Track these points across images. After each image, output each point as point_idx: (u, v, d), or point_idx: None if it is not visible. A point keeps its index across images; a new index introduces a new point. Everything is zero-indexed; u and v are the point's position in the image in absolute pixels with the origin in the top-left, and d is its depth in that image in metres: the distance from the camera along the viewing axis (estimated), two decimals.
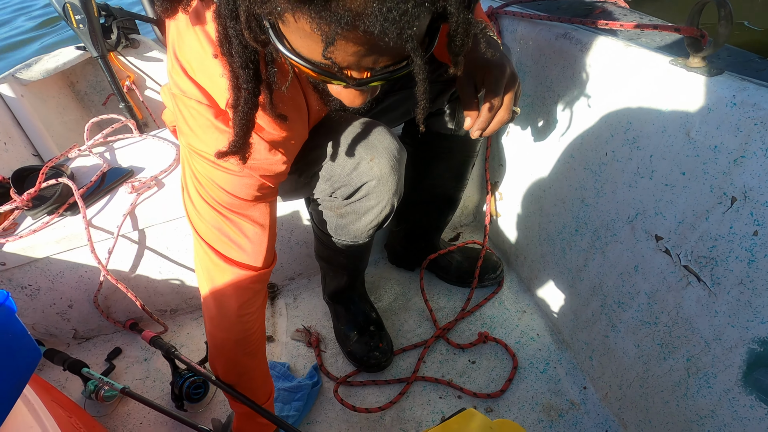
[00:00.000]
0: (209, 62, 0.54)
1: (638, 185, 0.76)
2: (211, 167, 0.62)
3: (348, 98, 0.51)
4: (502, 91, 0.65)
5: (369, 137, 0.74)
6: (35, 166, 1.26)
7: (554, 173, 1.00)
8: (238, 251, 0.69)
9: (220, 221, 0.67)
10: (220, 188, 0.64)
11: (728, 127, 0.58)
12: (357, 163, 0.73)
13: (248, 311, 0.74)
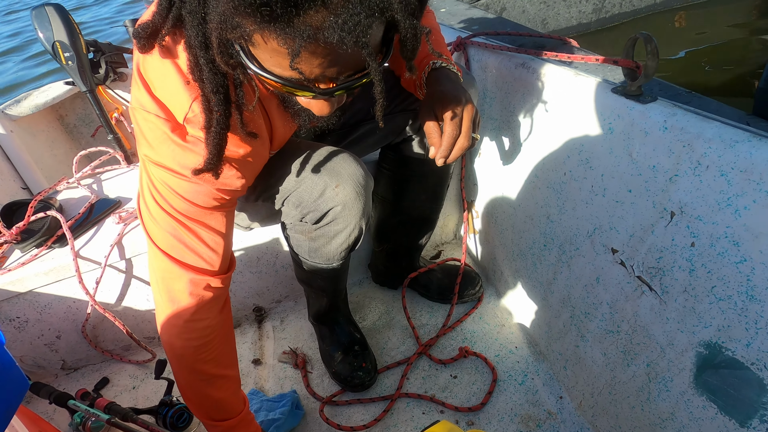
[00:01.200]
0: (170, 81, 0.58)
1: (594, 202, 0.81)
2: (168, 174, 0.64)
3: (317, 108, 0.56)
4: (460, 120, 0.70)
5: (334, 165, 0.79)
6: (24, 200, 1.29)
7: (522, 192, 1.05)
8: (195, 257, 0.70)
9: (177, 228, 0.68)
10: (177, 195, 0.65)
11: (663, 148, 0.64)
12: (323, 189, 0.78)
13: (207, 316, 0.74)
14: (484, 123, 1.16)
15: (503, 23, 1.76)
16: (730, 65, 2.59)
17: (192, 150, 0.61)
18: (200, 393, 0.79)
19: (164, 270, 0.71)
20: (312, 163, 0.79)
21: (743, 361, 0.58)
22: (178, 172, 0.63)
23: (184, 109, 0.59)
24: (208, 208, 0.68)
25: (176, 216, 0.68)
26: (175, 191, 0.65)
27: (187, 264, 0.70)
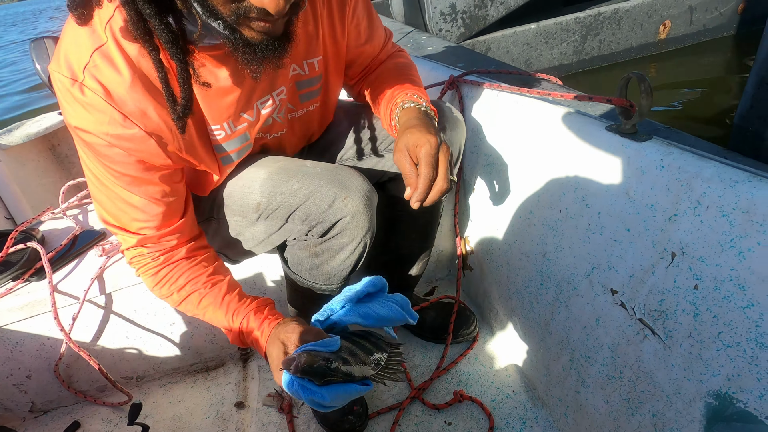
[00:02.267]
0: (79, 39, 0.59)
1: (591, 241, 0.79)
2: (85, 135, 0.62)
3: (275, 4, 0.51)
4: (436, 162, 0.67)
5: (342, 178, 0.77)
6: (4, 230, 1.25)
7: (517, 228, 1.03)
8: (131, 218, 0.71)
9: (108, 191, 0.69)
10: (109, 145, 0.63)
11: (660, 187, 0.62)
12: (332, 200, 0.76)
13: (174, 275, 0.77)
14: (479, 159, 1.15)
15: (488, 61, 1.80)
16: (703, 102, 2.68)
17: (88, 106, 0.59)
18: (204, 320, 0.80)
19: (122, 241, 0.75)
20: (319, 177, 0.77)
21: (757, 414, 0.54)
22: (85, 130, 0.62)
23: (83, 60, 0.58)
24: (135, 177, 0.67)
25: (100, 178, 0.68)
26: (92, 154, 0.65)
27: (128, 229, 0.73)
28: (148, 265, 0.76)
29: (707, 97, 2.75)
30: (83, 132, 0.62)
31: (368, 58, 0.93)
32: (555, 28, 2.87)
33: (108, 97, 0.59)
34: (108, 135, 0.61)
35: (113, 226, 0.73)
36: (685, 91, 2.84)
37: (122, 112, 0.61)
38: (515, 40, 2.84)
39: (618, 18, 2.97)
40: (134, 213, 0.71)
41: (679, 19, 3.10)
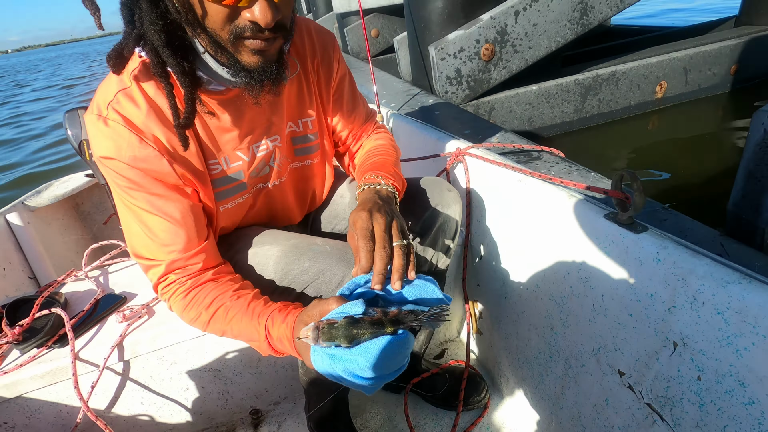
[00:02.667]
0: (107, 83, 0.72)
1: (596, 321, 0.82)
2: (110, 162, 0.71)
3: (262, 14, 0.60)
4: (371, 234, 0.68)
5: (350, 256, 0.81)
6: (30, 296, 1.30)
7: (524, 299, 1.06)
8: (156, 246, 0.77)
9: (133, 218, 0.76)
10: (129, 167, 0.71)
11: (658, 279, 0.66)
12: (341, 278, 0.79)
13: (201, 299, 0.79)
14: (485, 229, 1.20)
15: (493, 128, 1.89)
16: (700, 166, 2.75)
17: (111, 136, 0.70)
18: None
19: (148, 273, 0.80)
20: (329, 255, 0.81)
21: None
22: (109, 157, 0.71)
23: (108, 99, 0.70)
24: (155, 194, 0.74)
25: (127, 204, 0.75)
26: (118, 179, 0.73)
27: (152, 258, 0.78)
28: (176, 291, 0.79)
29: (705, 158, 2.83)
30: (108, 160, 0.72)
31: (347, 128, 1.02)
32: (555, 89, 3.00)
33: (127, 124, 0.70)
34: (128, 157, 0.71)
35: (143, 258, 0.79)
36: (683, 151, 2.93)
37: (138, 135, 0.71)
38: (518, 101, 2.97)
39: (616, 79, 3.11)
40: (160, 236, 0.76)
41: (674, 80, 3.24)
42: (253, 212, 0.94)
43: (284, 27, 0.66)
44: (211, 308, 0.78)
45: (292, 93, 0.88)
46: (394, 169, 0.92)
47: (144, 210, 0.75)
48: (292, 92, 0.88)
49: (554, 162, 1.26)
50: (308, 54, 0.89)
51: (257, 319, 0.74)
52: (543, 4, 2.76)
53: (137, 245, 0.79)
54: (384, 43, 5.26)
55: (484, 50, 2.77)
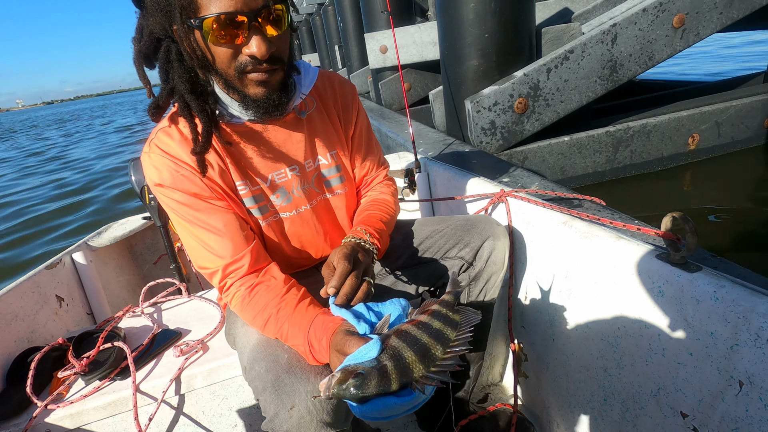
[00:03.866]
0: (154, 129, 0.90)
1: (654, 361, 0.82)
2: (159, 188, 0.87)
3: (258, 48, 0.74)
4: (341, 270, 0.77)
5: (293, 381, 0.77)
6: (92, 329, 1.38)
7: (574, 340, 1.06)
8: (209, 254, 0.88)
9: (189, 234, 0.88)
10: (171, 188, 0.86)
11: (717, 317, 0.67)
12: (276, 411, 0.75)
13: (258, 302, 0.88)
14: (530, 269, 1.22)
15: (531, 177, 1.95)
16: (742, 222, 2.71)
17: (154, 165, 0.85)
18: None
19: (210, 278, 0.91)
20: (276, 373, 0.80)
21: None
22: (157, 184, 0.86)
23: (152, 138, 0.88)
24: (196, 208, 0.87)
25: (179, 222, 0.88)
26: (167, 200, 0.87)
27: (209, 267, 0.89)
28: (235, 296, 0.90)
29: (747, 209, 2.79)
30: (158, 186, 0.87)
31: (361, 171, 1.12)
32: (587, 140, 3.07)
33: (163, 153, 0.86)
34: (168, 180, 0.85)
35: (205, 268, 0.91)
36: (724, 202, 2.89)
37: (173, 160, 0.86)
38: (550, 151, 3.04)
39: (647, 131, 3.16)
40: (212, 245, 0.88)
41: (707, 133, 3.26)
42: (288, 237, 1.03)
43: (281, 60, 0.80)
44: (264, 314, 0.86)
45: (316, 129, 1.00)
46: (382, 226, 1.00)
47: (193, 224, 0.88)
48: (315, 129, 1.00)
49: (596, 209, 1.30)
50: (330, 99, 1.03)
51: (301, 333, 0.81)
52: (574, 62, 2.90)
53: (198, 258, 0.91)
54: (416, 95, 5.54)
55: (517, 104, 2.89)
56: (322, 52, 12.93)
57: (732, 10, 2.91)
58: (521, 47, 3.01)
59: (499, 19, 2.86)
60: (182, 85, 0.80)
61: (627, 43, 2.91)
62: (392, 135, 3.67)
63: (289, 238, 1.03)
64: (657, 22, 2.88)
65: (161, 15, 0.75)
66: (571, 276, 1.05)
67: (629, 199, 3.03)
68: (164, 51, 0.81)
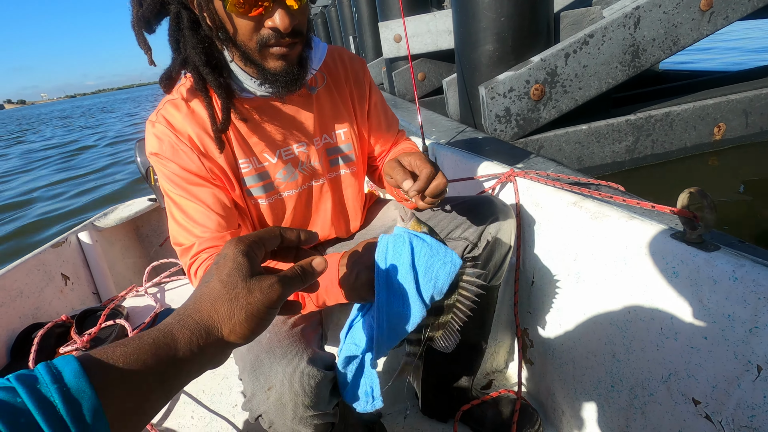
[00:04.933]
0: (163, 99, 0.88)
1: (665, 345, 0.77)
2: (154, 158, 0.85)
3: (281, 21, 0.71)
4: (431, 164, 0.79)
5: (271, 362, 0.74)
6: (96, 307, 1.38)
7: (582, 325, 1.01)
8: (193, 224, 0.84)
9: (175, 205, 0.85)
10: (168, 160, 0.83)
11: (736, 298, 0.62)
12: (253, 392, 0.74)
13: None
14: (537, 252, 1.17)
15: (545, 163, 1.88)
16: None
17: (156, 134, 0.84)
18: None
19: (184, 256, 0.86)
20: (256, 353, 0.77)
21: None
22: (155, 153, 0.84)
23: (159, 108, 0.86)
24: (189, 182, 0.84)
25: (168, 193, 0.85)
26: (162, 169, 0.85)
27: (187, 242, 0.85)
28: (205, 261, 0.84)
29: None
30: (155, 155, 0.84)
31: (387, 142, 1.11)
32: (606, 129, 2.97)
33: (168, 125, 0.83)
34: (168, 151, 0.83)
35: (181, 245, 0.86)
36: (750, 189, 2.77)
37: (176, 135, 0.83)
38: (567, 139, 2.95)
39: (670, 120, 3.04)
40: (195, 217, 0.85)
41: (733, 122, 3.12)
42: (291, 217, 0.99)
43: (301, 33, 0.77)
44: None
45: (325, 106, 0.96)
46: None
47: (181, 196, 0.85)
48: (324, 105, 0.96)
49: (612, 193, 1.24)
50: (341, 75, 0.99)
51: None
52: (593, 47, 2.79)
53: (177, 233, 0.87)
54: (430, 86, 5.45)
55: (533, 90, 2.81)
56: (337, 44, 12.87)
57: None
58: (538, 31, 2.91)
59: (516, 1, 2.77)
60: (197, 56, 0.76)
61: (650, 27, 2.78)
62: (405, 123, 3.62)
63: (292, 216, 1.00)
64: (683, 5, 2.75)
65: None
66: (581, 258, 1.00)
67: (649, 187, 2.92)
68: (174, 18, 0.77)
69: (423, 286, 0.60)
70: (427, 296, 0.60)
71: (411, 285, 0.60)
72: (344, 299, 0.73)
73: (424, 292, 0.60)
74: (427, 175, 0.77)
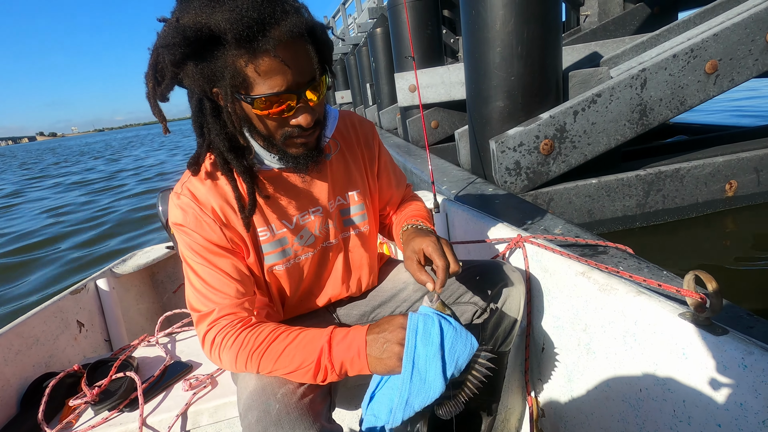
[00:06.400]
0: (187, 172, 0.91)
1: (679, 429, 0.75)
2: (178, 228, 0.89)
3: (304, 118, 0.77)
4: (443, 253, 0.84)
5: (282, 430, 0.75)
6: (107, 358, 1.40)
7: (593, 399, 1.00)
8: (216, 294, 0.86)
9: (195, 274, 0.87)
10: (192, 231, 0.87)
11: (747, 387, 0.62)
12: None
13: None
14: (547, 319, 1.17)
15: (554, 222, 1.90)
16: None
17: (180, 206, 0.87)
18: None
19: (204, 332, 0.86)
20: (264, 425, 0.77)
21: None
22: (179, 224, 0.88)
23: (184, 181, 0.90)
24: (214, 243, 0.88)
25: (189, 261, 0.88)
26: (190, 228, 0.88)
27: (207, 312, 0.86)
28: (227, 335, 0.84)
29: None
30: (178, 226, 0.88)
31: (398, 198, 1.18)
32: (616, 183, 2.99)
33: (192, 198, 0.88)
34: (192, 223, 0.87)
35: (198, 311, 0.87)
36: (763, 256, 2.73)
37: (200, 207, 0.87)
38: (577, 193, 2.98)
39: (680, 176, 3.06)
40: (214, 284, 0.87)
41: (745, 179, 3.13)
42: (306, 278, 1.02)
43: (320, 122, 0.85)
44: (269, 338, 0.81)
45: (339, 170, 1.02)
46: (431, 219, 1.09)
47: (201, 265, 0.87)
48: (338, 170, 1.01)
49: (622, 258, 1.25)
50: (353, 140, 1.05)
51: (321, 333, 0.79)
52: (602, 105, 2.87)
53: (195, 299, 0.89)
54: (443, 133, 5.61)
55: (543, 145, 2.87)
56: (355, 90, 13.36)
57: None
58: (548, 90, 3.01)
59: (526, 62, 2.89)
60: (221, 143, 0.82)
61: (657, 88, 2.87)
62: (416, 171, 3.69)
63: (308, 277, 1.03)
64: (688, 68, 2.84)
65: (202, 79, 0.75)
66: (590, 329, 1.00)
67: (662, 247, 2.90)
68: (197, 104, 0.83)
69: (448, 365, 0.67)
70: (449, 374, 0.67)
71: (438, 362, 0.66)
72: (367, 370, 0.76)
73: (447, 370, 0.66)
74: (443, 269, 0.82)
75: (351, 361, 0.76)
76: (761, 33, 2.80)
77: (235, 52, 0.70)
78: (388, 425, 0.69)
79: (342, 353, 0.76)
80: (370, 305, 1.15)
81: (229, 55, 0.71)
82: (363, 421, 0.74)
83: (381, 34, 8.00)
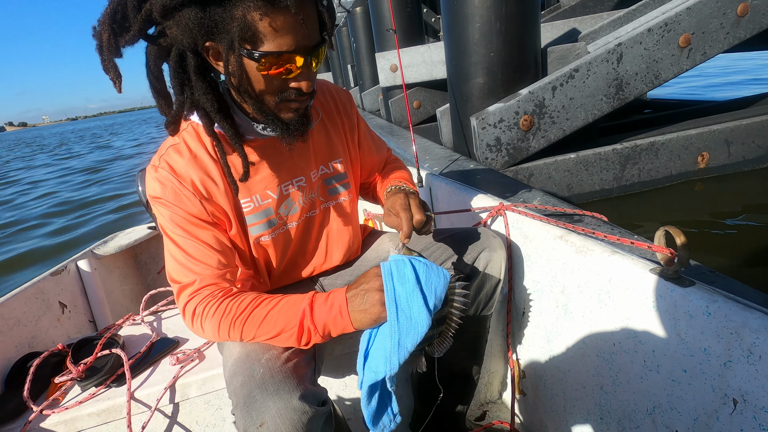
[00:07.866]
0: (165, 142, 0.89)
1: (649, 378, 0.80)
2: (156, 202, 0.87)
3: (307, 84, 0.77)
4: (408, 206, 0.90)
5: (264, 397, 0.74)
6: (92, 336, 1.39)
7: (571, 357, 1.04)
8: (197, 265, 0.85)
9: (175, 245, 0.86)
10: (171, 204, 0.85)
11: (710, 333, 0.66)
12: (245, 429, 0.74)
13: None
14: (527, 284, 1.21)
15: (534, 193, 1.94)
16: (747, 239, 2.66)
17: (158, 179, 0.86)
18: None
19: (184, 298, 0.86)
20: (249, 389, 0.77)
21: None
22: (156, 197, 0.86)
23: (162, 153, 0.87)
24: (191, 223, 0.86)
25: (169, 234, 0.86)
26: (164, 211, 0.87)
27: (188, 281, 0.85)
28: (209, 304, 0.82)
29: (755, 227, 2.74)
30: (156, 199, 0.87)
31: (381, 163, 1.20)
32: (594, 157, 3.06)
33: (171, 171, 0.85)
34: (170, 196, 0.85)
35: (179, 282, 0.87)
36: (731, 217, 2.85)
37: (179, 180, 0.85)
38: (556, 167, 3.03)
39: (655, 149, 3.14)
40: (196, 255, 0.86)
41: (716, 151, 3.23)
42: (292, 248, 1.03)
43: (314, 90, 0.83)
44: (251, 305, 0.81)
45: (320, 140, 1.02)
46: (412, 181, 1.13)
47: (181, 236, 0.86)
48: (319, 139, 1.02)
49: (596, 224, 1.29)
50: (333, 108, 1.05)
51: (302, 297, 0.80)
52: (579, 80, 2.91)
53: (175, 271, 0.88)
54: (425, 113, 5.60)
55: (522, 121, 2.90)
56: (336, 71, 13.16)
57: (739, 30, 2.91)
58: (527, 66, 3.03)
59: (505, 38, 2.89)
60: (209, 103, 0.77)
61: (632, 62, 2.91)
62: (400, 151, 3.70)
63: (294, 247, 1.04)
64: (662, 42, 2.89)
65: (198, 30, 0.69)
66: (567, 291, 1.04)
67: (635, 214, 3.00)
68: (177, 60, 0.74)
69: (428, 298, 0.69)
70: (431, 306, 0.69)
71: (418, 296, 0.69)
72: (351, 328, 0.76)
73: (429, 303, 0.69)
74: (407, 219, 0.87)
75: (333, 320, 0.76)
76: (732, 6, 2.86)
77: (250, 3, 0.66)
78: (388, 373, 0.70)
79: (324, 314, 0.77)
80: (354, 274, 1.17)
81: (243, 6, 0.67)
82: (363, 381, 0.74)
83: (361, 13, 7.87)
